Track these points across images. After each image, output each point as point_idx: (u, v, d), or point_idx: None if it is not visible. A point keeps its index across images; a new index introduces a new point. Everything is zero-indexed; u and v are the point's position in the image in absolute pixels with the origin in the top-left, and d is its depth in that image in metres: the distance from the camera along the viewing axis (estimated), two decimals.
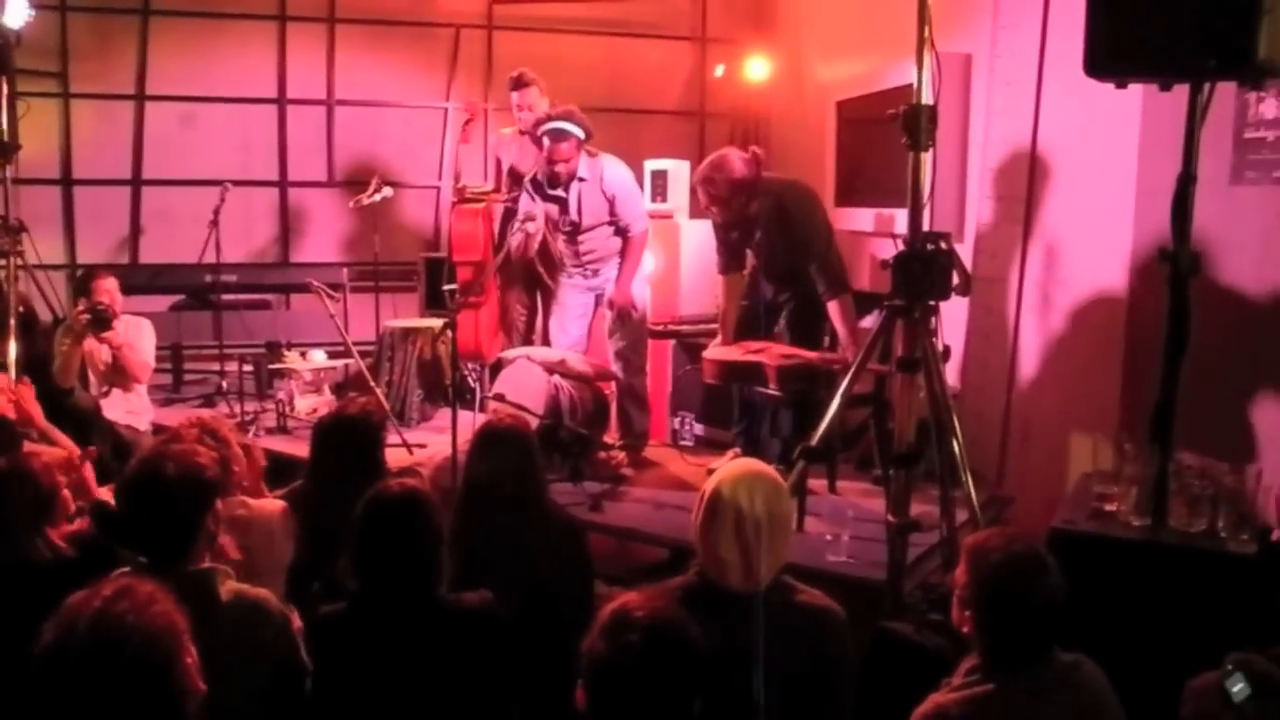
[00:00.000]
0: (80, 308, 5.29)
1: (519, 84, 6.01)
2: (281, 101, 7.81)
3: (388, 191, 6.56)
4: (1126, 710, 2.37)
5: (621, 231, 5.52)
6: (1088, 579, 2.76)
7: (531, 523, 3.25)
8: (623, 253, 5.55)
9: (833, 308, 4.89)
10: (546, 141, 5.31)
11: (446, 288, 6.06)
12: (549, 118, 5.40)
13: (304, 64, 7.84)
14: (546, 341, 5.96)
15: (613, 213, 5.46)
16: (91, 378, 5.52)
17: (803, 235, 4.91)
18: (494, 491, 3.27)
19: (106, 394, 5.51)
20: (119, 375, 5.51)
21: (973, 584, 2.36)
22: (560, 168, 5.32)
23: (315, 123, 7.91)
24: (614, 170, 5.46)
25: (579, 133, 5.30)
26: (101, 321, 5.23)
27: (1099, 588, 2.93)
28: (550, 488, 3.76)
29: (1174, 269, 3.11)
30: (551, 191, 5.44)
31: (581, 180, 5.39)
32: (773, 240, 5.01)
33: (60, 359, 5.24)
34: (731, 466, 2.66)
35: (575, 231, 5.51)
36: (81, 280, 5.59)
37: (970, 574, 2.38)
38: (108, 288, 5.39)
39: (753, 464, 2.72)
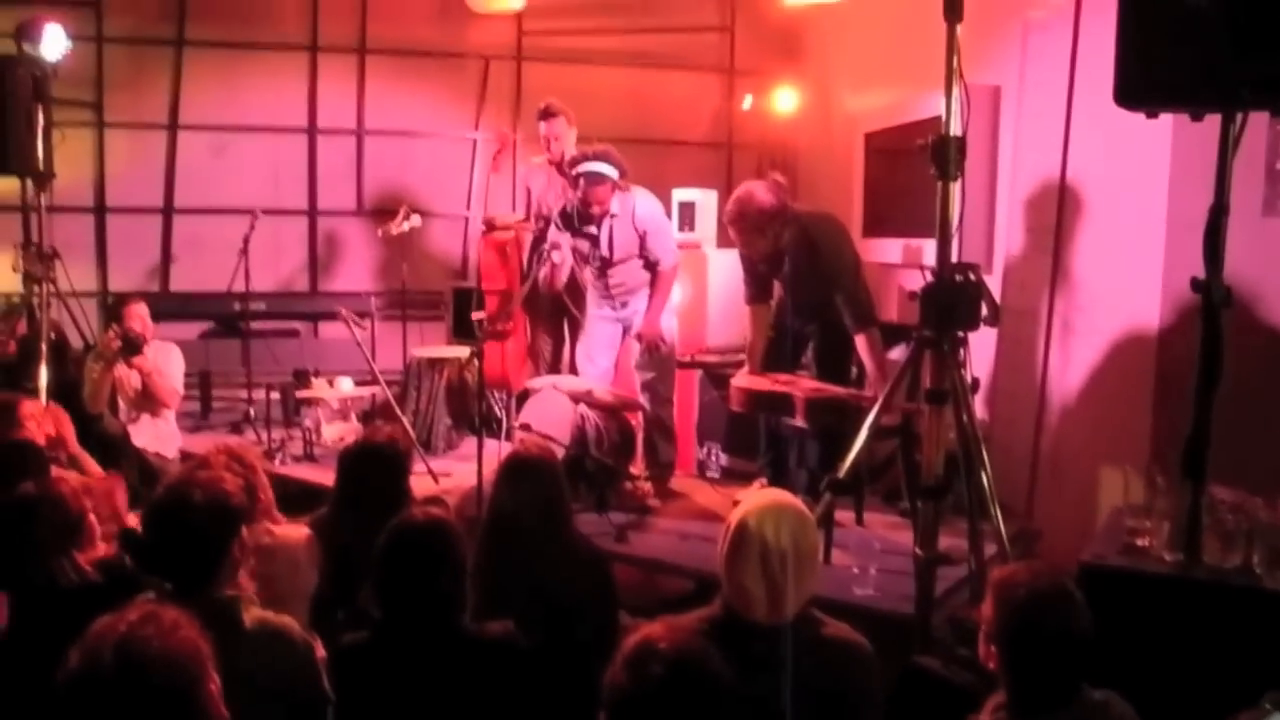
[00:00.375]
0: (112, 333, 5.34)
1: (546, 114, 6.04)
2: (312, 131, 7.88)
3: (416, 221, 6.60)
4: None
5: (651, 265, 5.52)
6: (1119, 615, 2.72)
7: (556, 553, 3.23)
8: (652, 285, 5.55)
9: (860, 341, 4.86)
10: (582, 183, 5.31)
11: (475, 316, 6.09)
12: (584, 157, 5.36)
13: (334, 94, 7.90)
14: (573, 371, 5.95)
15: (643, 247, 5.46)
16: (121, 404, 5.55)
17: (830, 267, 4.89)
18: (519, 521, 3.26)
19: (135, 420, 5.54)
20: (148, 401, 5.55)
21: (999, 619, 2.33)
22: (596, 209, 5.33)
23: (345, 152, 7.96)
24: (646, 204, 5.46)
25: (614, 174, 5.31)
26: (132, 347, 5.28)
27: (1130, 624, 2.89)
28: (576, 518, 3.75)
29: (1206, 300, 3.08)
30: (583, 228, 5.45)
31: (613, 216, 5.40)
32: (800, 271, 4.99)
33: (90, 385, 5.28)
34: (757, 498, 2.64)
35: (605, 266, 5.52)
36: (113, 306, 5.65)
37: (996, 609, 2.34)
38: (139, 313, 5.44)
39: (779, 495, 2.69)
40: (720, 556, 2.57)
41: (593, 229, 5.42)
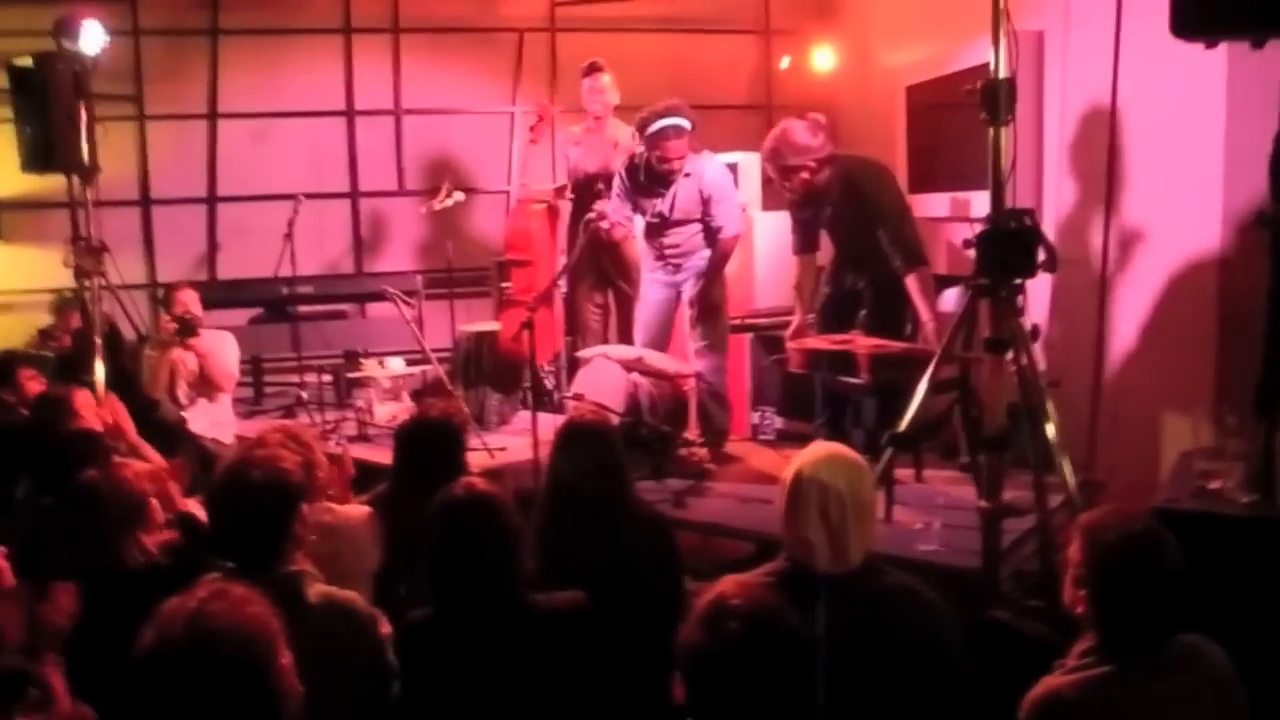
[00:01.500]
0: (166, 318, 5.41)
1: (592, 69, 6.04)
2: (350, 113, 7.87)
3: (459, 196, 6.58)
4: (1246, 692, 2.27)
5: (713, 232, 5.46)
6: (1196, 559, 2.65)
7: (618, 519, 3.21)
8: (712, 252, 5.49)
9: (910, 281, 4.80)
10: (657, 141, 5.26)
11: (504, 285, 6.09)
12: (654, 115, 5.29)
13: (370, 75, 7.89)
14: (621, 340, 5.93)
15: (707, 212, 5.41)
16: (179, 389, 5.59)
17: (874, 208, 4.86)
18: (579, 488, 3.23)
19: (193, 404, 5.58)
20: (205, 385, 5.60)
21: (1090, 562, 2.27)
22: (675, 164, 5.28)
23: (384, 133, 7.96)
24: (715, 169, 5.45)
25: (688, 124, 5.26)
26: (188, 329, 5.36)
27: (1208, 568, 2.81)
28: (634, 485, 3.72)
29: (1274, 234, 2.99)
30: (653, 188, 5.41)
31: (686, 175, 5.35)
32: (843, 215, 4.95)
33: (149, 371, 5.35)
34: (812, 449, 2.63)
35: (663, 225, 5.45)
36: (163, 297, 5.70)
37: (1087, 552, 2.29)
38: (189, 299, 5.49)
39: (833, 446, 2.68)
40: (779, 511, 2.56)
41: (661, 190, 5.38)
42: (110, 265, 5.98)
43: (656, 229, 5.49)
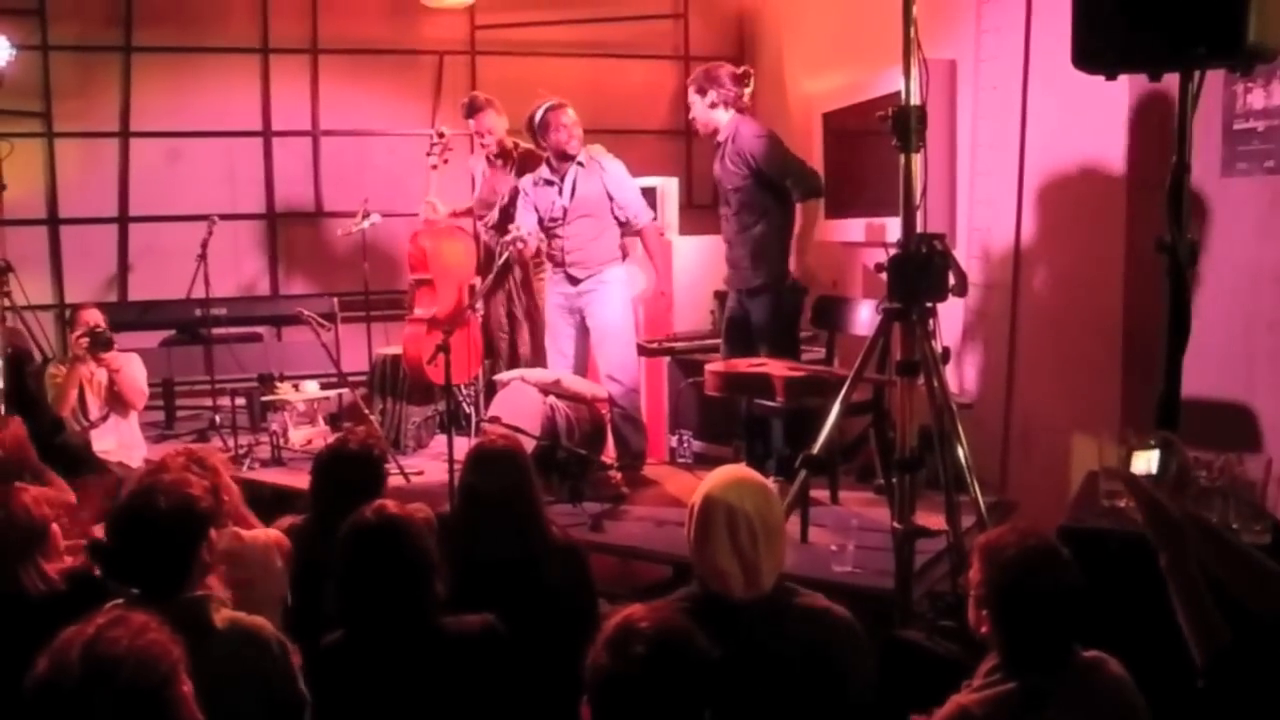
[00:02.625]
0: (78, 333, 5.29)
1: (472, 110, 6.07)
2: (267, 134, 7.76)
3: (376, 219, 6.53)
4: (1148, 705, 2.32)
5: (626, 226, 5.53)
6: (1100, 576, 2.70)
7: (529, 540, 3.19)
8: (645, 249, 5.66)
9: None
10: (545, 125, 5.41)
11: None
12: (533, 110, 5.49)
13: (288, 96, 7.79)
14: (531, 362, 5.94)
15: (614, 205, 5.48)
16: (90, 403, 5.44)
17: (764, 148, 5.16)
18: (490, 508, 3.21)
19: (104, 418, 5.44)
20: (116, 402, 5.49)
21: (988, 581, 2.31)
22: (570, 141, 5.42)
23: (301, 154, 7.85)
24: (612, 161, 5.57)
25: (565, 101, 5.47)
26: (101, 342, 5.24)
27: (1111, 584, 2.87)
28: (550, 508, 3.70)
29: (1173, 260, 3.08)
30: (550, 178, 5.49)
31: (580, 165, 5.43)
32: (732, 159, 5.22)
33: (55, 389, 5.23)
34: (718, 474, 2.64)
35: (563, 219, 5.46)
36: (69, 317, 5.57)
37: (985, 572, 2.32)
38: (95, 319, 5.37)
39: (740, 470, 2.71)
40: (689, 538, 2.58)
41: (555, 178, 5.50)
42: (15, 285, 5.84)
43: (555, 229, 5.48)
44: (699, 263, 6.35)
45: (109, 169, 7.49)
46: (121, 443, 5.47)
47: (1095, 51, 3.06)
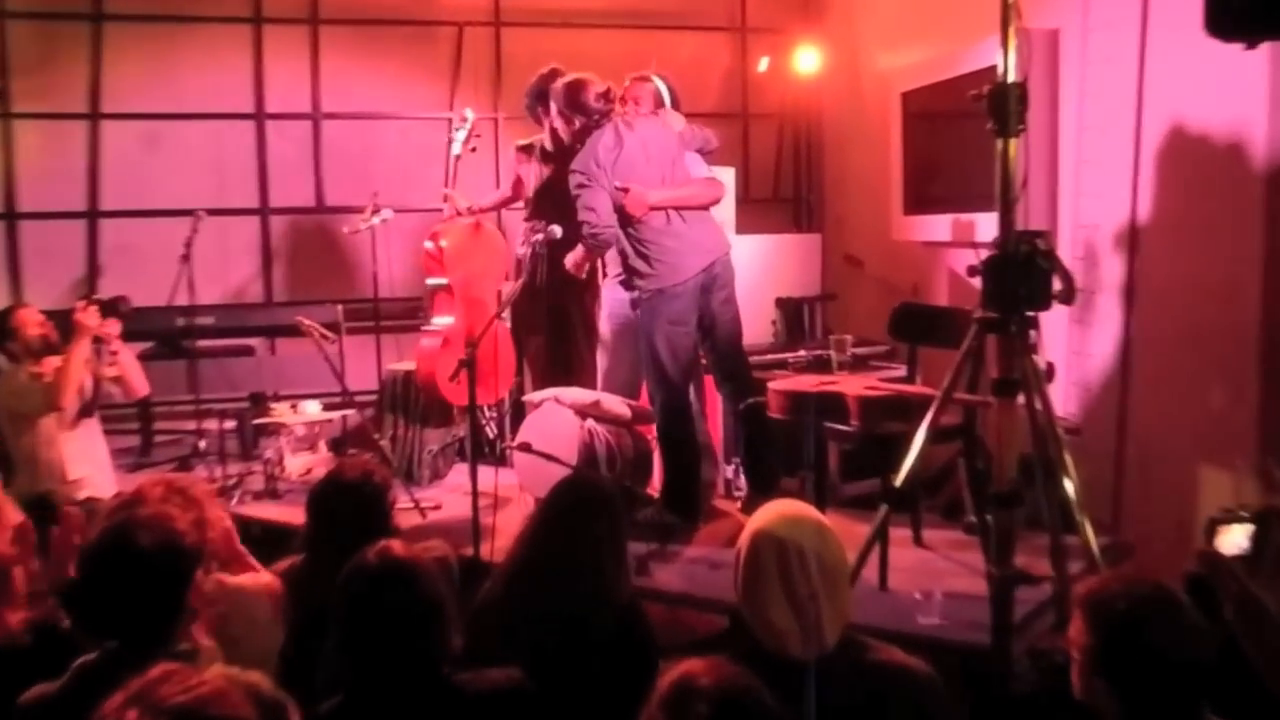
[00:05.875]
0: (81, 304, 5.26)
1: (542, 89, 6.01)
2: (260, 117, 7.83)
3: (386, 215, 6.55)
4: None
5: None
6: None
7: (597, 603, 3.17)
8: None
9: None
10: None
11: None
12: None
13: (284, 72, 7.86)
14: (568, 380, 5.92)
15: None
16: (60, 414, 5.35)
17: None
18: (567, 569, 3.19)
19: (72, 427, 5.35)
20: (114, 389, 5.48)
21: (1096, 641, 2.25)
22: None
23: (300, 140, 7.92)
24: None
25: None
26: (113, 309, 5.25)
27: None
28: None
29: None
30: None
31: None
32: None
33: (44, 387, 5.13)
34: (768, 509, 2.62)
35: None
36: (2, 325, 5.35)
37: (1091, 629, 2.27)
38: (36, 319, 5.32)
39: (792, 504, 2.69)
40: (736, 584, 2.56)
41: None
42: None
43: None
44: (759, 266, 6.35)
45: (76, 156, 7.56)
46: (97, 467, 5.43)
47: (1233, 15, 3.02)
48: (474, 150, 6.43)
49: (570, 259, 5.43)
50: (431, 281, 6.19)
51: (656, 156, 5.26)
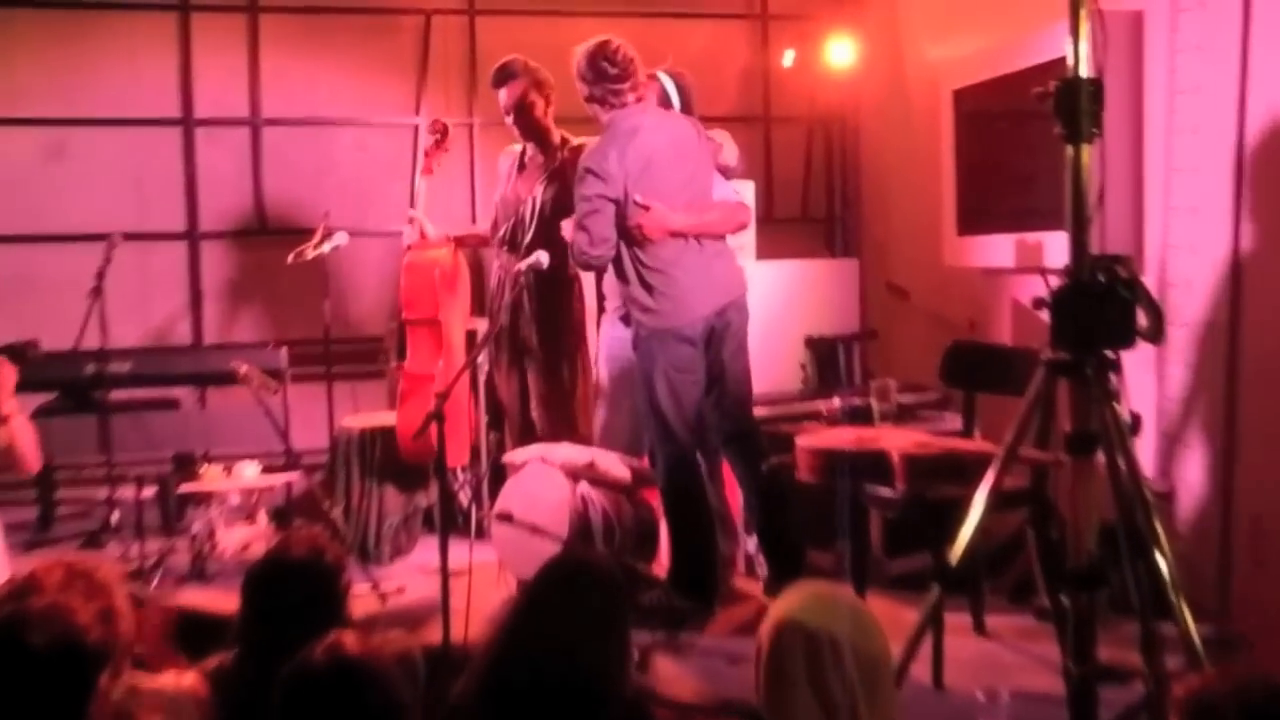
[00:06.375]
0: None
1: (504, 77, 6.08)
2: (188, 122, 7.86)
3: (340, 240, 6.55)
4: None
5: None
6: None
7: (592, 704, 3.14)
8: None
9: None
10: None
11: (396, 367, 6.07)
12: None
13: (217, 69, 7.90)
14: (556, 435, 5.92)
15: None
16: None
17: None
18: (556, 665, 3.16)
19: None
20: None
21: None
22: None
23: (236, 150, 7.95)
24: None
25: None
26: (19, 355, 5.24)
27: None
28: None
29: None
30: None
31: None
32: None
33: None
34: (794, 593, 2.63)
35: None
36: None
37: None
38: None
39: (823, 586, 2.72)
40: (757, 683, 2.57)
41: None
42: None
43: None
44: (784, 298, 6.36)
45: None
46: None
47: None
48: (438, 165, 6.43)
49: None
50: (413, 317, 6.16)
51: (681, 163, 5.26)
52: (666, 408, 5.13)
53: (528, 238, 6.01)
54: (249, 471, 6.29)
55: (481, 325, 6.26)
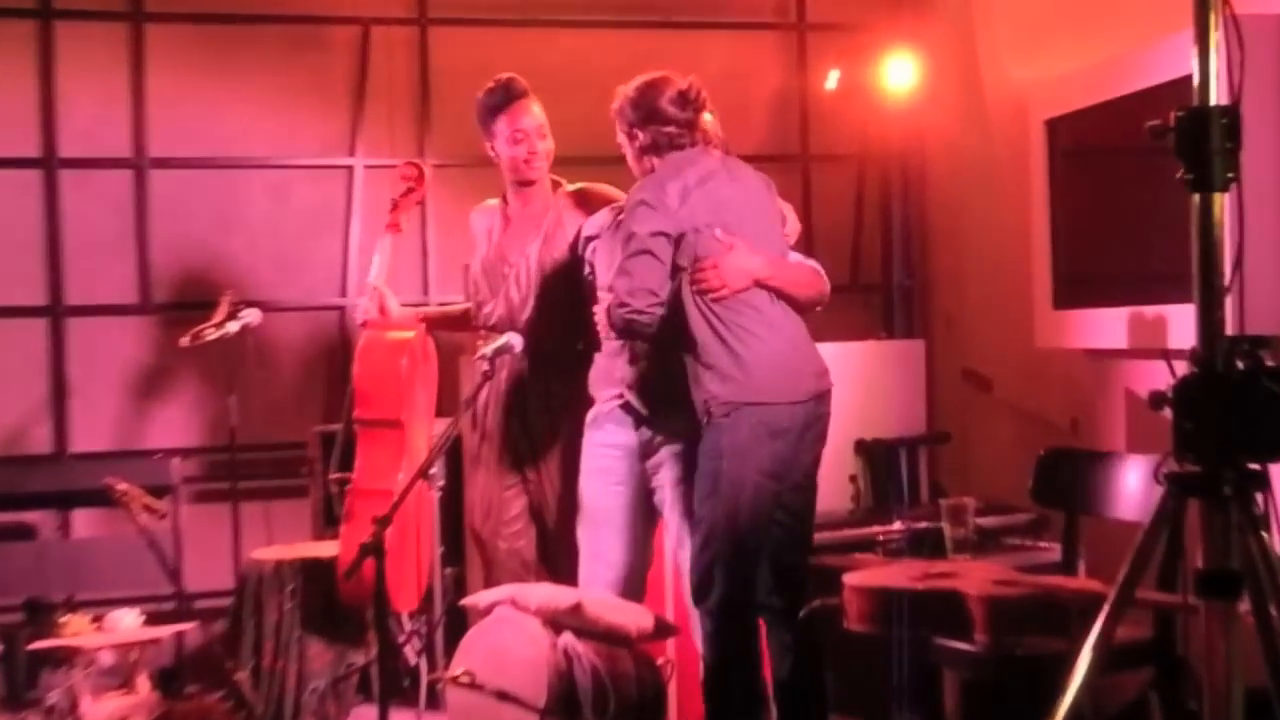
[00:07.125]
0: None
1: (516, 94, 6.06)
2: (50, 163, 7.88)
3: (250, 316, 6.58)
4: None
5: None
6: None
7: None
8: None
9: None
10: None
11: (333, 476, 6.05)
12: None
13: (90, 95, 7.94)
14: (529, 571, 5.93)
15: None
16: None
17: None
18: None
19: None
20: None
21: None
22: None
23: (114, 200, 7.97)
24: None
25: None
26: None
27: None
28: None
29: None
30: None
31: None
32: None
33: None
34: None
35: None
36: None
37: None
38: None
39: None
40: None
41: None
42: None
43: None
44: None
45: None
46: None
47: None
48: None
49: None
50: (368, 416, 6.15)
51: (756, 220, 5.31)
52: (743, 525, 5.04)
53: (526, 312, 5.99)
54: (126, 621, 6.28)
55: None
